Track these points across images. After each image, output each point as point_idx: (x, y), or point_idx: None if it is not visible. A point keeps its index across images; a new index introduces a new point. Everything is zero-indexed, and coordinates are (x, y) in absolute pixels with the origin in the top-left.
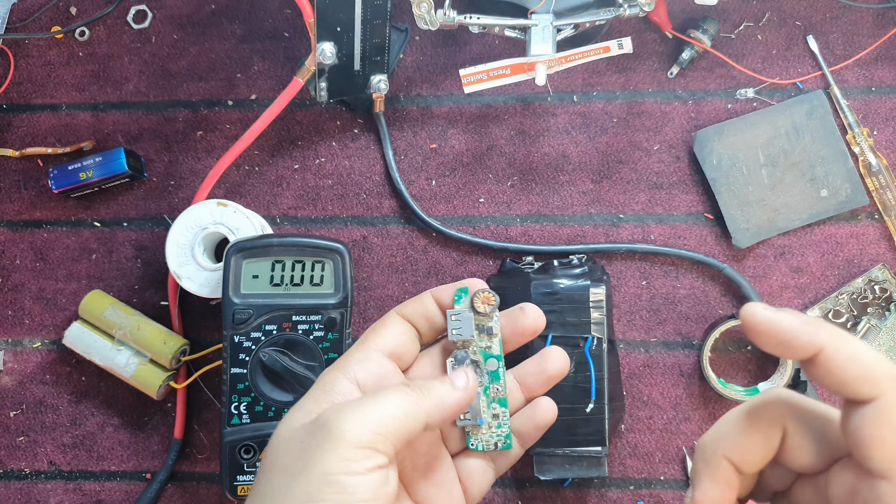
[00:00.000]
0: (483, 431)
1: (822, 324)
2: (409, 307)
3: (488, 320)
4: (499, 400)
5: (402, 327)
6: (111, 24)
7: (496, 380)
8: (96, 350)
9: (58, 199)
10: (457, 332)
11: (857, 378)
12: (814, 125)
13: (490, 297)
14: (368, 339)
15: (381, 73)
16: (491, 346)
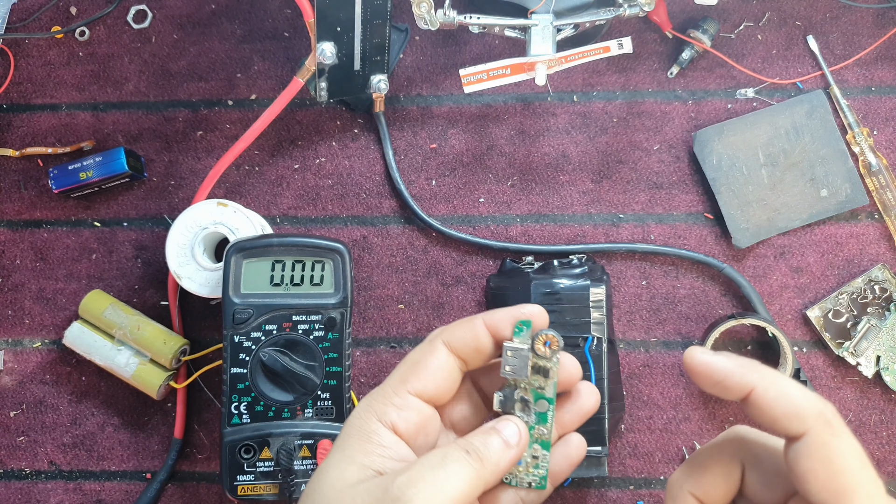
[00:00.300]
0: (520, 469)
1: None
2: (456, 335)
3: (547, 362)
4: (541, 442)
5: (445, 362)
6: (111, 24)
7: (543, 422)
8: (96, 350)
9: (58, 199)
10: (511, 368)
11: (785, 415)
12: (814, 125)
13: (554, 341)
14: (409, 378)
15: (381, 73)
16: (545, 387)
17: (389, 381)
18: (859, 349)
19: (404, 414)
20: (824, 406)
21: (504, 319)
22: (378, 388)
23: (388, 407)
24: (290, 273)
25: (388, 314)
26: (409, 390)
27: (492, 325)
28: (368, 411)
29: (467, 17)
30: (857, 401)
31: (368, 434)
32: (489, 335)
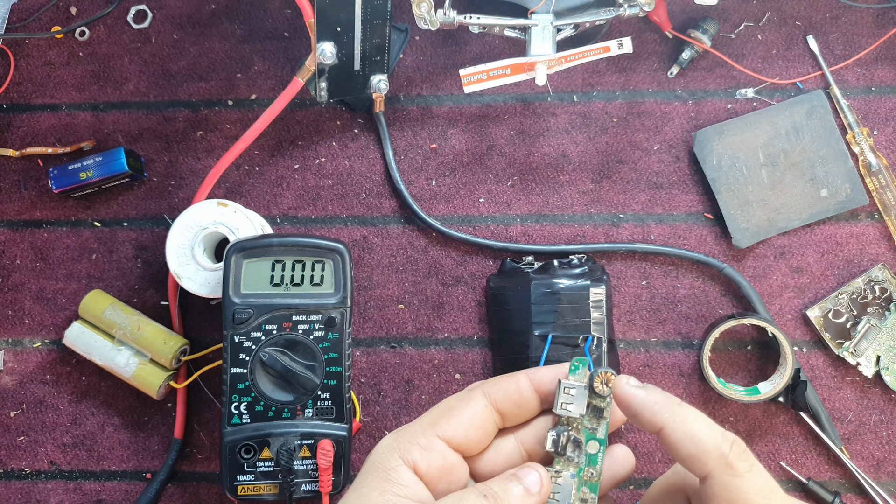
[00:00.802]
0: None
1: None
2: (498, 387)
3: (602, 402)
4: (590, 485)
5: (481, 412)
6: (111, 24)
7: (593, 464)
8: (96, 350)
9: (58, 199)
10: (566, 405)
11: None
12: (814, 125)
13: (611, 379)
14: (439, 421)
15: (381, 73)
16: (597, 428)
17: (419, 420)
18: (859, 349)
19: (427, 455)
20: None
21: (550, 376)
22: (406, 426)
23: (413, 446)
24: (290, 273)
25: (388, 314)
26: (437, 434)
27: (537, 382)
28: (391, 448)
29: (467, 17)
30: (857, 401)
31: (387, 471)
32: (533, 391)
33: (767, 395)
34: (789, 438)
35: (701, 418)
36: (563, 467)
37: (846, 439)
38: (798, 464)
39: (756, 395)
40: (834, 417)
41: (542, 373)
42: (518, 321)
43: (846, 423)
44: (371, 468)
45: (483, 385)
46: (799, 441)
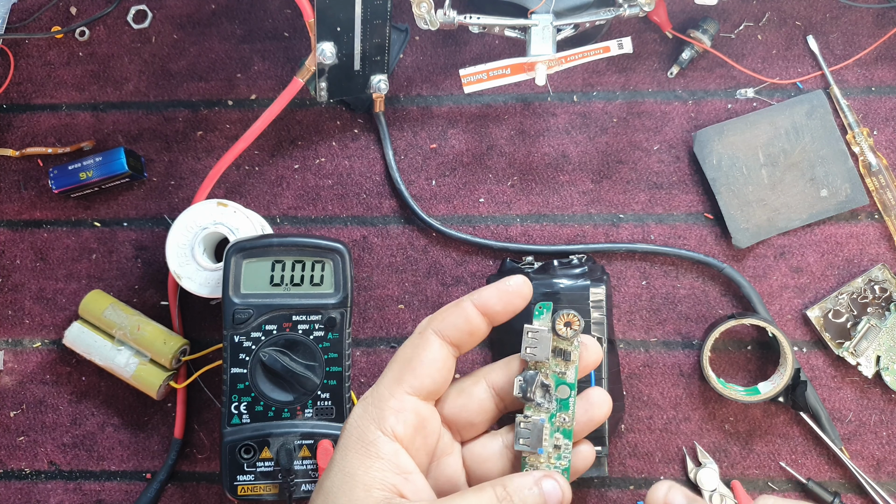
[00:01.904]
0: (541, 460)
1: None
2: (448, 322)
3: (568, 344)
4: (563, 431)
5: (439, 353)
6: (111, 24)
7: (565, 409)
8: (96, 350)
9: (58, 199)
10: (531, 350)
11: None
12: (814, 125)
13: (575, 321)
14: (404, 376)
15: (381, 73)
16: (566, 372)
17: (384, 380)
18: (859, 349)
19: (402, 417)
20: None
21: (493, 297)
22: (373, 390)
23: (386, 412)
24: (290, 273)
25: (388, 314)
26: (405, 390)
27: (482, 306)
28: (365, 419)
29: (467, 17)
30: (857, 401)
31: (367, 446)
32: (481, 316)
33: (767, 395)
34: (789, 438)
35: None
36: (533, 413)
37: (846, 439)
38: (798, 464)
39: (756, 395)
40: (834, 417)
41: (485, 294)
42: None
43: (846, 423)
44: (350, 443)
45: (431, 323)
46: (799, 441)
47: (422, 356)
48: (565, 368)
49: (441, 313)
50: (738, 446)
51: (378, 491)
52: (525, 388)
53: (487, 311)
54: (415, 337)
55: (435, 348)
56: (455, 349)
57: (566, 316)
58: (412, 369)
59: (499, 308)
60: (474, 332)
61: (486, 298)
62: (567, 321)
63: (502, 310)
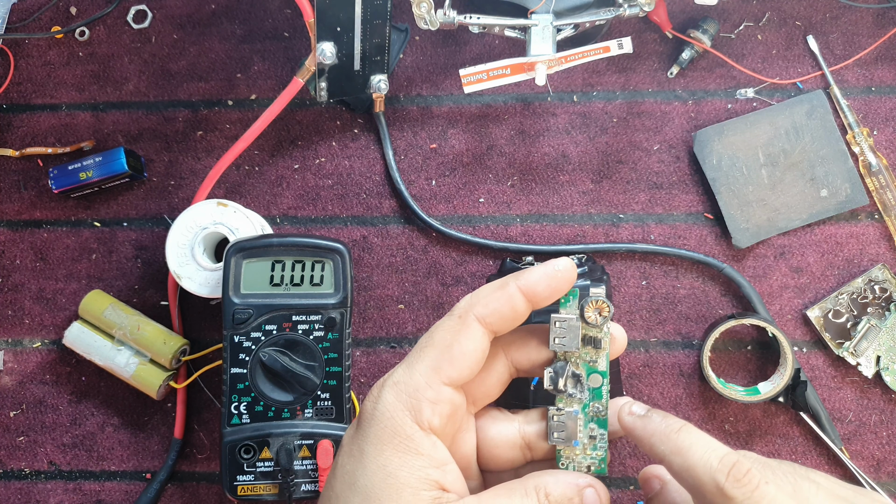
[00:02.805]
0: (577, 453)
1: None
2: (491, 308)
3: (598, 332)
4: (598, 420)
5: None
6: (111, 24)
7: (598, 398)
8: (96, 350)
9: (58, 199)
10: (560, 341)
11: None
12: (814, 125)
13: (604, 307)
14: (442, 365)
15: (381, 73)
16: (597, 360)
17: (419, 367)
18: (859, 349)
19: (439, 408)
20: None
21: (541, 282)
22: (405, 374)
23: (422, 403)
24: (290, 273)
25: (388, 314)
26: (443, 380)
27: (528, 291)
28: (399, 409)
29: (467, 17)
30: (857, 401)
31: (405, 441)
32: (526, 302)
33: (767, 395)
34: (789, 438)
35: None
36: (566, 405)
37: (846, 439)
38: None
39: (756, 395)
40: (834, 417)
41: (533, 279)
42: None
43: (846, 424)
44: (385, 437)
45: (474, 308)
46: (799, 441)
47: (463, 345)
48: (596, 356)
49: (484, 298)
50: (738, 446)
51: (425, 492)
52: (556, 380)
53: (532, 297)
54: (454, 321)
55: (477, 337)
56: (493, 334)
57: (595, 303)
58: (452, 359)
59: (546, 294)
60: (518, 318)
61: (534, 283)
62: (597, 307)
63: (549, 295)
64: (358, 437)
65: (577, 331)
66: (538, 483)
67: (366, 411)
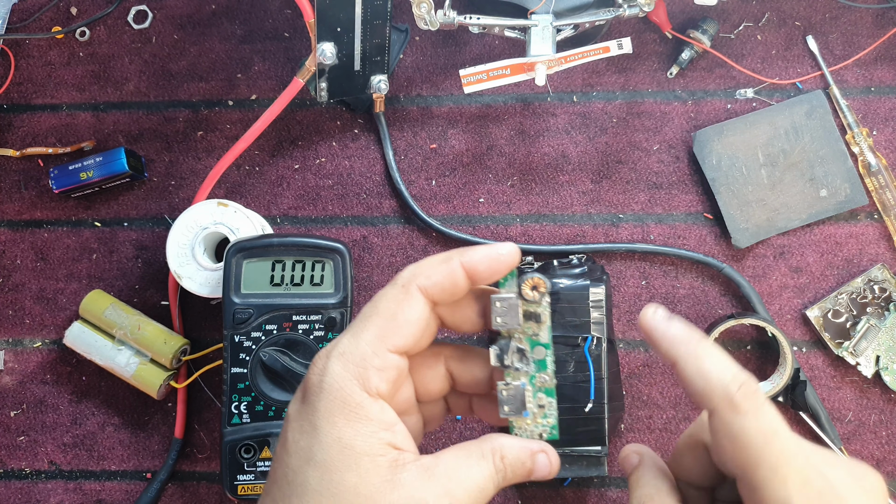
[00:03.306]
0: (528, 422)
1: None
2: (433, 280)
3: (537, 306)
4: (545, 390)
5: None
6: (111, 24)
7: (543, 369)
8: (97, 350)
9: (58, 199)
10: (502, 320)
11: (696, 393)
12: (813, 125)
13: (541, 284)
14: (388, 334)
15: (381, 74)
16: (539, 333)
17: (364, 336)
18: (859, 349)
19: (385, 374)
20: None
21: (483, 261)
22: (350, 344)
23: (370, 371)
24: (291, 273)
25: None
26: (388, 348)
27: (470, 268)
28: (347, 378)
29: (467, 18)
30: (856, 401)
31: (355, 409)
32: (466, 278)
33: (767, 395)
34: None
35: (715, 356)
36: (513, 378)
37: (846, 439)
38: None
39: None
40: (833, 417)
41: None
42: None
43: (846, 423)
44: (335, 408)
45: (417, 278)
46: None
47: (407, 314)
48: (538, 330)
49: (427, 269)
50: None
51: (382, 457)
52: (501, 357)
53: (473, 274)
54: (398, 291)
55: (420, 306)
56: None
57: (532, 280)
58: (397, 327)
59: (486, 274)
60: (458, 292)
61: (476, 262)
62: (534, 285)
63: (489, 276)
64: (307, 410)
65: (517, 308)
66: (494, 446)
67: (312, 384)
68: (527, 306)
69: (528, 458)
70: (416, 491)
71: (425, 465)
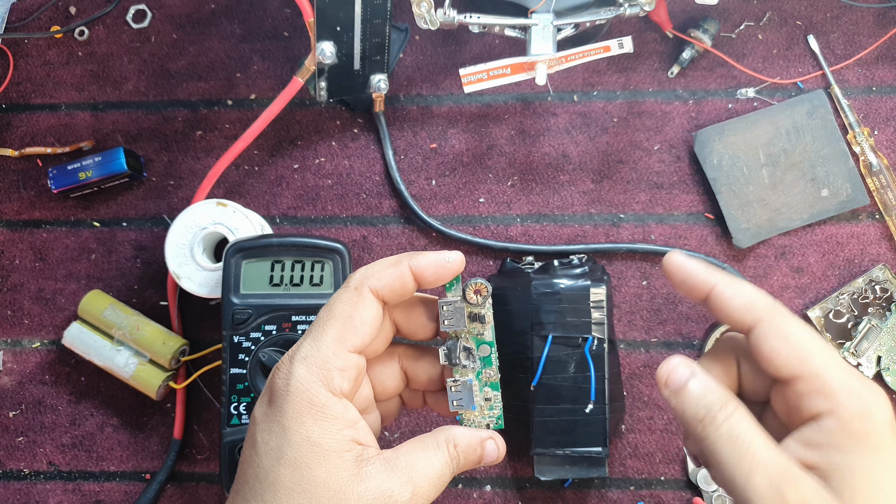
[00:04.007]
0: (476, 414)
1: (716, 269)
2: (385, 284)
3: (481, 308)
4: (490, 384)
5: (376, 312)
6: (110, 23)
7: (488, 365)
8: (96, 350)
9: (57, 199)
10: (449, 322)
11: (741, 307)
12: (814, 125)
13: (483, 288)
14: (346, 336)
15: (381, 73)
16: (483, 332)
17: (325, 339)
18: (860, 349)
19: (347, 374)
20: (773, 301)
21: (430, 267)
22: (312, 348)
23: (332, 372)
24: (290, 273)
25: None
26: (347, 349)
27: (417, 272)
28: (312, 381)
29: (467, 17)
30: None
31: (321, 409)
32: (414, 281)
33: None
34: None
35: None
36: (461, 375)
37: None
38: None
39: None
40: None
41: (424, 263)
42: (518, 321)
43: None
44: (302, 409)
45: (368, 280)
46: None
47: (362, 315)
48: (482, 330)
49: (378, 272)
50: None
51: (348, 453)
52: (450, 356)
53: (420, 278)
54: (351, 293)
55: (373, 307)
56: (385, 304)
57: (474, 285)
58: (354, 329)
59: (432, 279)
60: (406, 293)
61: (424, 266)
62: (476, 289)
63: (434, 280)
64: (274, 412)
65: (462, 311)
66: (448, 436)
67: (278, 387)
68: (471, 308)
69: (478, 444)
70: (381, 482)
71: (387, 458)
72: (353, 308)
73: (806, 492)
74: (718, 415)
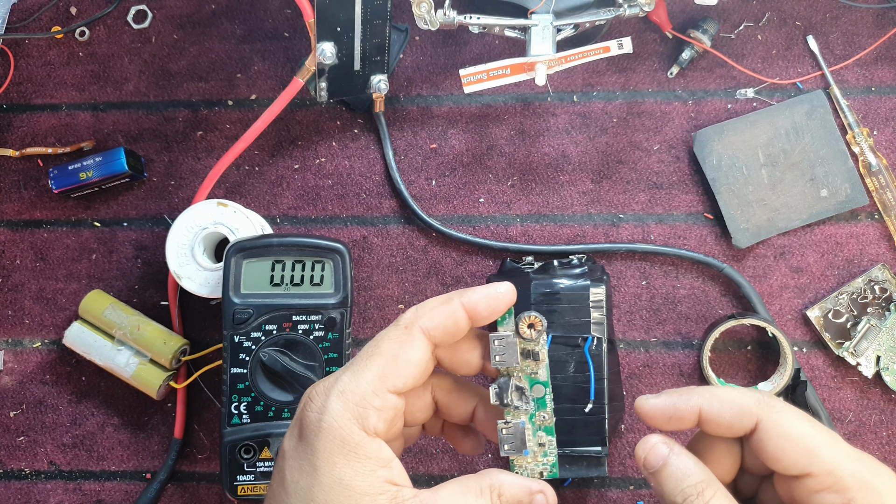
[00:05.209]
0: (528, 461)
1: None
2: (437, 324)
3: (535, 345)
4: (545, 428)
5: (426, 355)
6: (111, 24)
7: (542, 407)
8: (96, 350)
9: (58, 199)
10: (501, 358)
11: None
12: (814, 125)
13: (538, 322)
14: (388, 375)
15: (381, 73)
16: (538, 371)
17: (366, 374)
18: (859, 349)
19: (384, 414)
20: (761, 395)
21: (482, 301)
22: (351, 382)
23: (369, 410)
24: (290, 273)
25: (388, 314)
26: (388, 388)
27: (470, 309)
28: (346, 417)
29: (467, 17)
30: (857, 401)
31: (353, 449)
32: (467, 319)
33: None
34: None
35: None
36: (513, 417)
37: (846, 439)
38: None
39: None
40: (834, 417)
41: (476, 298)
42: None
43: (846, 424)
44: (334, 448)
45: (419, 320)
46: None
47: (409, 356)
48: (536, 368)
49: (430, 310)
50: None
51: (381, 496)
52: (501, 395)
53: (474, 314)
54: (400, 332)
55: (422, 348)
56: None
57: (528, 318)
58: (397, 368)
59: (486, 313)
60: (459, 332)
61: (476, 301)
62: (530, 323)
63: (489, 315)
64: (305, 449)
65: (515, 346)
66: (493, 482)
67: (310, 421)
68: (524, 344)
69: (525, 496)
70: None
71: (423, 500)
72: (400, 347)
73: None
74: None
